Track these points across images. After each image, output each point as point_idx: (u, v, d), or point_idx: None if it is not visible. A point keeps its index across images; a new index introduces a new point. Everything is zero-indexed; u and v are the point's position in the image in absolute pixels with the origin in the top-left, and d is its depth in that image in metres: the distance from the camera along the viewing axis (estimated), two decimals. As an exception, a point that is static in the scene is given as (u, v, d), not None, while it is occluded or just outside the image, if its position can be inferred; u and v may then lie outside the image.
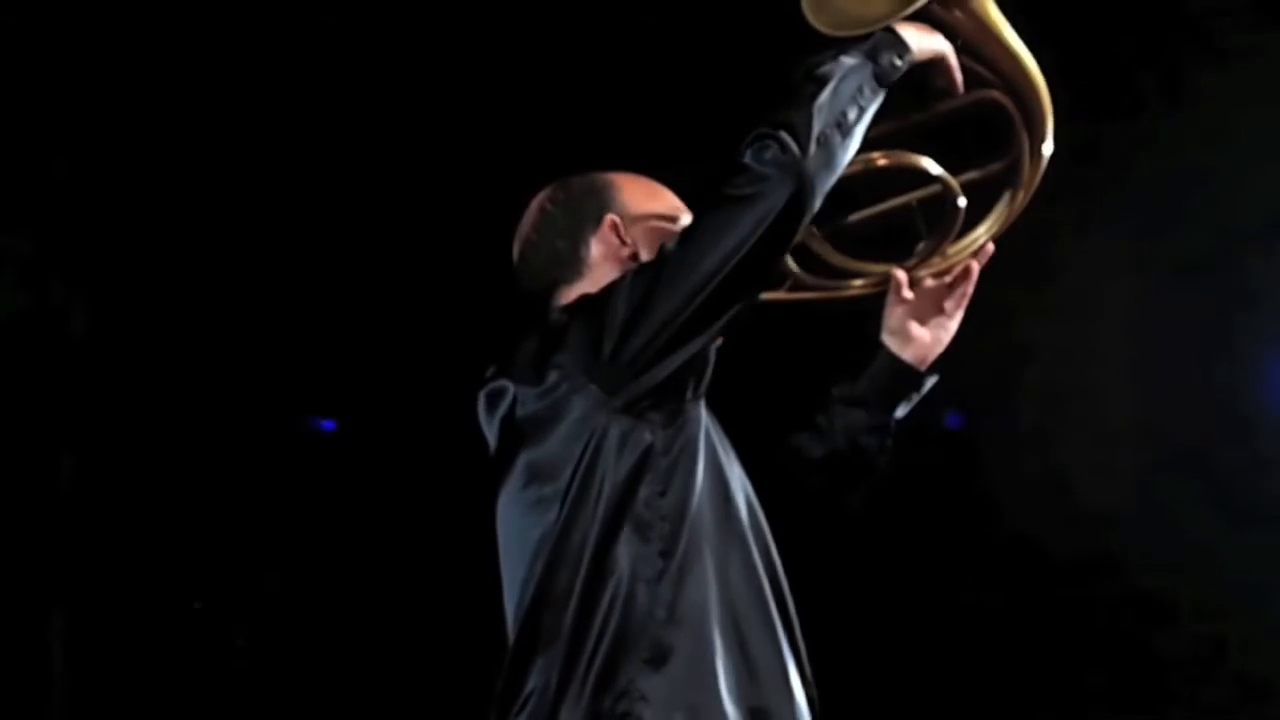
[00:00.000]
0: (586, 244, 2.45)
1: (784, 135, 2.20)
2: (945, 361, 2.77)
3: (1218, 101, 5.02)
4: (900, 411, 2.69)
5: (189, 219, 5.65)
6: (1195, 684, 5.39)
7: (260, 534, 5.93)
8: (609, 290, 2.27)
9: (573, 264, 2.44)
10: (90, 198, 5.61)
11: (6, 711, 5.50)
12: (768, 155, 2.20)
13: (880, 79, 2.31)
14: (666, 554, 2.19)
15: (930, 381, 2.68)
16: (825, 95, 2.23)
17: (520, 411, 2.29)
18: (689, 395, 2.28)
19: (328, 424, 6.15)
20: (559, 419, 2.22)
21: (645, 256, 2.41)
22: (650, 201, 2.51)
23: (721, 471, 2.33)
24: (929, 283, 2.66)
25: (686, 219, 2.46)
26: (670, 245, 2.24)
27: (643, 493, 2.21)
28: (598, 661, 2.15)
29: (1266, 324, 5.25)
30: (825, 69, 2.27)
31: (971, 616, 5.69)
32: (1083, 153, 5.15)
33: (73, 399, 5.69)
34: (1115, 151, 5.15)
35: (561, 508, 2.21)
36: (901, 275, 2.62)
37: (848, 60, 2.29)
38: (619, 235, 2.44)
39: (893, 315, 2.66)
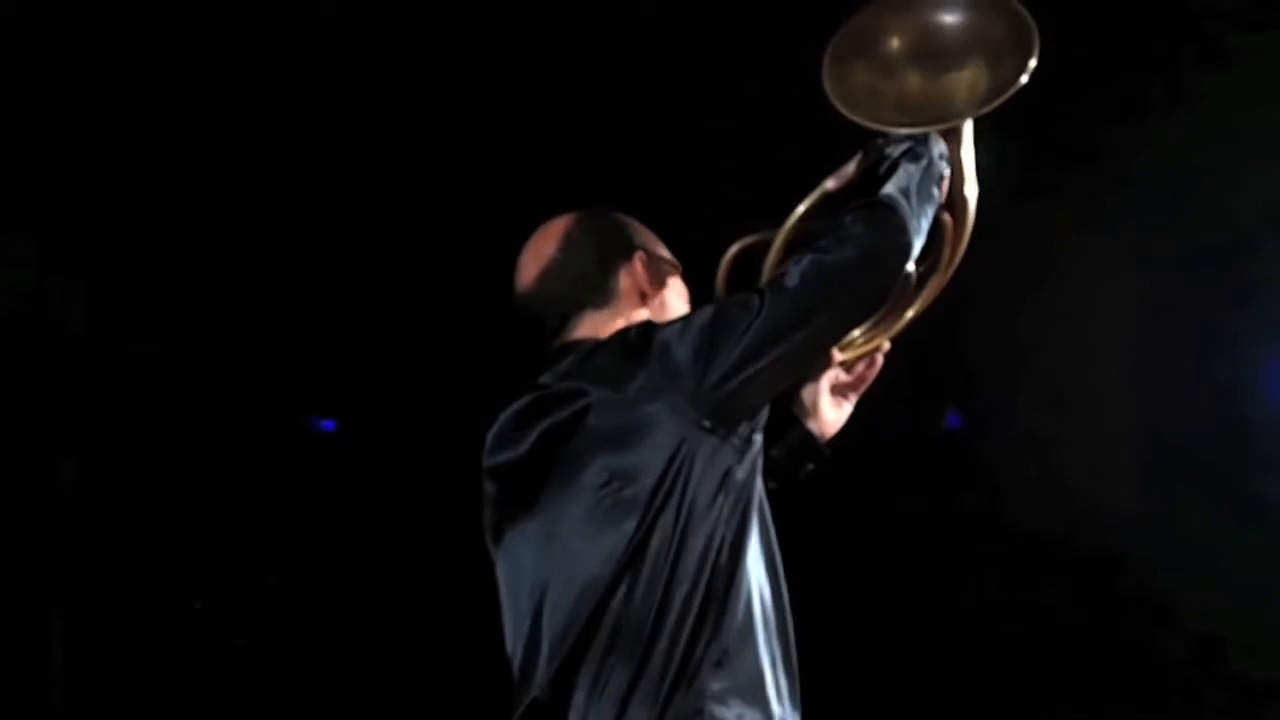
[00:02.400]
0: (616, 274, 2.55)
1: (898, 209, 2.43)
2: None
3: (1218, 101, 5.03)
4: (796, 480, 2.81)
5: (189, 220, 5.65)
6: (1195, 684, 5.39)
7: (260, 534, 5.93)
8: (699, 318, 2.39)
9: (601, 291, 2.55)
10: (89, 198, 5.61)
11: (6, 711, 5.50)
12: (882, 225, 2.41)
13: (941, 177, 2.56)
14: (732, 569, 2.34)
15: (826, 455, 2.81)
16: (916, 181, 2.48)
17: (598, 419, 2.37)
18: (760, 424, 2.42)
19: (328, 424, 6.16)
20: (645, 430, 2.33)
21: (660, 294, 2.57)
22: (658, 245, 2.65)
23: (763, 499, 2.46)
24: (841, 362, 2.79)
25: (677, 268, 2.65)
26: (780, 285, 2.39)
27: (720, 510, 2.34)
28: (674, 664, 2.28)
29: (1266, 324, 5.26)
30: (909, 163, 2.51)
31: (971, 616, 5.69)
32: (1083, 153, 5.19)
33: (72, 400, 5.69)
34: (1115, 152, 5.16)
35: (644, 515, 2.33)
36: (838, 355, 2.74)
37: (921, 154, 2.53)
38: (647, 271, 2.57)
39: (809, 391, 2.76)
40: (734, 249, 2.68)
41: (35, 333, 5.60)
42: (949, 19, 2.69)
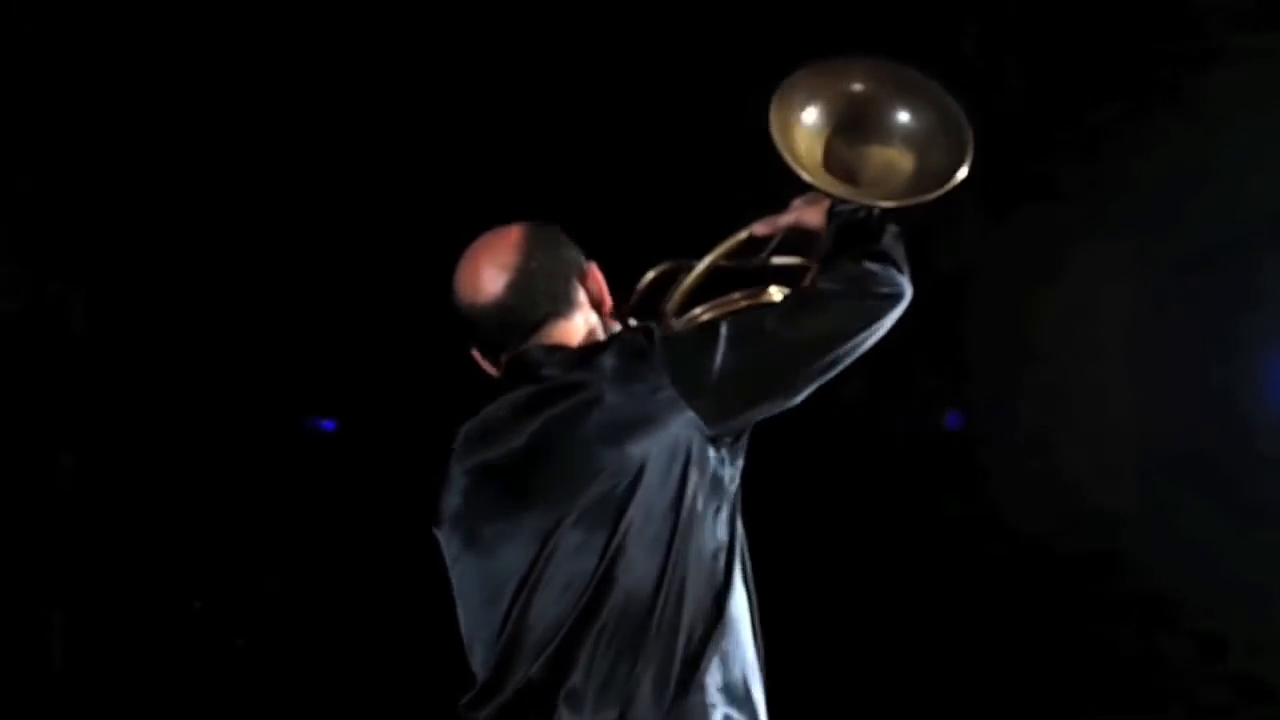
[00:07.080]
0: (575, 286, 2.62)
1: (899, 260, 2.53)
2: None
3: (1218, 101, 5.03)
4: None
5: (188, 218, 5.65)
6: (1195, 684, 5.39)
7: (260, 534, 5.93)
8: (720, 332, 2.45)
9: (567, 301, 2.60)
10: (89, 197, 5.61)
11: (7, 711, 5.50)
12: (890, 273, 2.51)
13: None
14: (726, 574, 2.44)
15: None
16: (891, 239, 2.57)
17: (605, 413, 2.42)
18: (746, 439, 2.51)
19: (328, 424, 6.15)
20: (652, 429, 2.39)
21: (608, 304, 2.65)
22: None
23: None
24: None
25: None
26: (789, 308, 2.49)
27: (714, 514, 2.44)
28: (678, 661, 2.37)
29: (1267, 324, 5.25)
30: (880, 229, 2.60)
31: (971, 616, 5.69)
32: (1084, 154, 5.19)
33: (72, 398, 5.69)
34: (1116, 152, 5.16)
35: (644, 511, 2.39)
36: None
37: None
38: (599, 283, 2.65)
39: None
40: (652, 274, 2.73)
41: (35, 331, 5.60)
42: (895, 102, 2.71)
